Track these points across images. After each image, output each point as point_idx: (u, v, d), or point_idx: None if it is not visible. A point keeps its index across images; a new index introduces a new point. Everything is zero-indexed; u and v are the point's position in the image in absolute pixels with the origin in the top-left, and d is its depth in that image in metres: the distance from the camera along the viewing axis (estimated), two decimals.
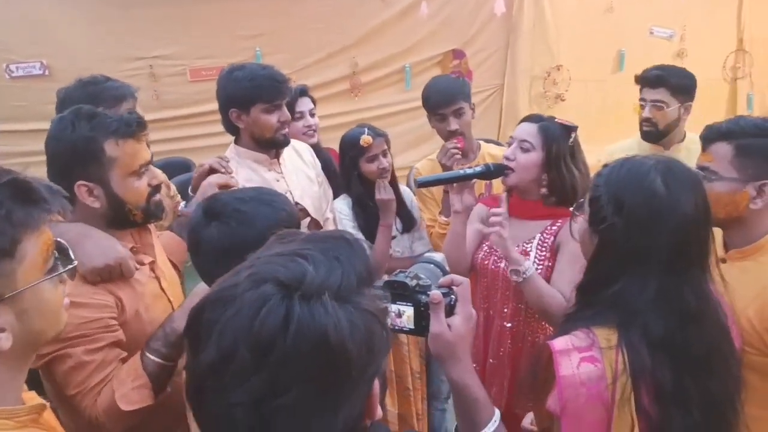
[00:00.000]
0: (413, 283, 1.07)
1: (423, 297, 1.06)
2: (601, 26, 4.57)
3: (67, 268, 0.91)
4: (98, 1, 4.12)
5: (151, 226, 1.72)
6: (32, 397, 0.97)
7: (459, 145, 2.32)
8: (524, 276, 1.75)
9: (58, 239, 0.90)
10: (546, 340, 1.27)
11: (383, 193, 2.28)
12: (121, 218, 1.52)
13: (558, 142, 1.86)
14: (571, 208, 1.33)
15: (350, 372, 0.67)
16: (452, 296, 1.08)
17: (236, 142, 2.22)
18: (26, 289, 0.83)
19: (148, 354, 1.42)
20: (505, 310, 1.93)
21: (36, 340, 0.91)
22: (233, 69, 2.15)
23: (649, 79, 2.51)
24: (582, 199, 1.33)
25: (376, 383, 0.74)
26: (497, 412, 1.06)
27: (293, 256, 0.71)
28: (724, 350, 1.22)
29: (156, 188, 1.59)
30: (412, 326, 1.08)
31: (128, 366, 1.43)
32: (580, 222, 1.32)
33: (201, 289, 1.48)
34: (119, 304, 1.48)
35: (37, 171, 1.10)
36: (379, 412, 0.76)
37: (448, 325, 1.05)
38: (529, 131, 1.88)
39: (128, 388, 1.38)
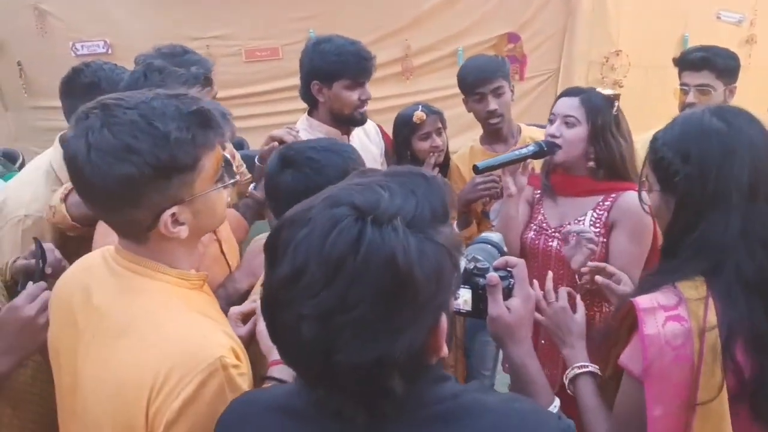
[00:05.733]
0: (471, 266, 1.07)
1: (481, 280, 1.07)
2: (665, 9, 4.37)
3: (230, 181, 1.12)
4: None
5: None
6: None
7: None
8: None
9: (226, 155, 1.10)
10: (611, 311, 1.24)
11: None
12: None
13: (602, 112, 1.81)
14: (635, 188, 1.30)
15: (416, 297, 0.69)
16: (510, 279, 1.07)
17: (310, 113, 2.22)
18: (201, 195, 1.04)
19: None
20: None
21: (203, 231, 1.15)
22: (320, 41, 2.13)
23: (692, 61, 2.32)
24: (643, 178, 1.29)
25: (444, 320, 0.75)
26: (557, 400, 1.06)
27: (371, 185, 0.74)
28: None
29: None
30: (469, 309, 1.09)
31: None
32: (651, 194, 1.27)
33: (257, 245, 1.55)
34: None
35: None
36: (444, 350, 0.77)
37: (507, 308, 1.05)
38: (571, 105, 1.84)
39: None
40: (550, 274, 1.50)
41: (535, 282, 1.38)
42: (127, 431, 0.96)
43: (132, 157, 0.94)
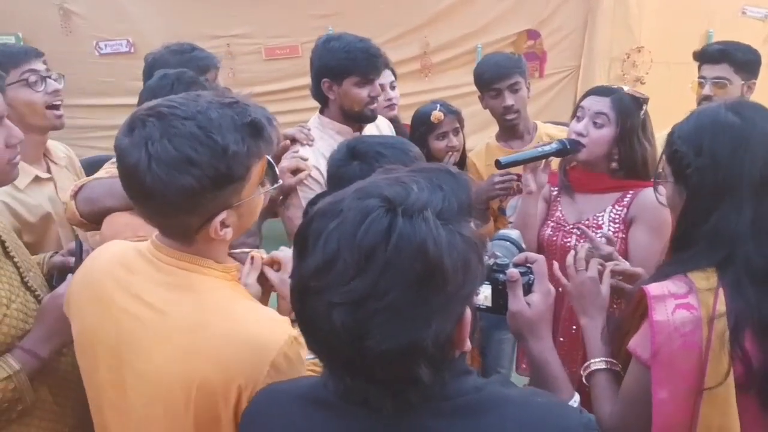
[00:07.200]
0: (491, 261, 1.08)
1: (501, 276, 1.07)
2: (688, 4, 4.31)
3: (273, 187, 1.18)
4: None
5: None
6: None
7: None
8: None
9: (269, 158, 1.14)
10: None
11: None
12: None
13: (631, 115, 1.79)
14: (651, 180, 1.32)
15: (445, 286, 0.71)
16: (531, 275, 1.08)
17: (322, 111, 2.23)
18: (247, 200, 1.09)
19: None
20: None
21: (243, 230, 1.19)
22: (330, 38, 2.13)
23: (710, 54, 2.31)
24: (660, 170, 1.30)
25: (468, 313, 0.77)
26: (577, 395, 1.06)
27: (399, 179, 0.76)
28: None
29: None
30: (489, 304, 1.09)
31: None
32: (666, 187, 1.28)
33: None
34: None
35: None
36: (468, 344, 0.79)
37: (528, 303, 1.06)
38: (603, 105, 1.81)
39: None
40: (587, 244, 1.53)
41: (571, 251, 1.40)
42: (210, 415, 1.01)
43: (192, 170, 0.98)
